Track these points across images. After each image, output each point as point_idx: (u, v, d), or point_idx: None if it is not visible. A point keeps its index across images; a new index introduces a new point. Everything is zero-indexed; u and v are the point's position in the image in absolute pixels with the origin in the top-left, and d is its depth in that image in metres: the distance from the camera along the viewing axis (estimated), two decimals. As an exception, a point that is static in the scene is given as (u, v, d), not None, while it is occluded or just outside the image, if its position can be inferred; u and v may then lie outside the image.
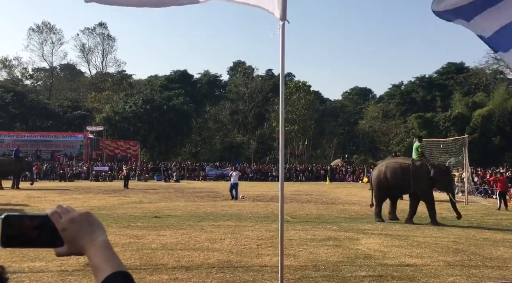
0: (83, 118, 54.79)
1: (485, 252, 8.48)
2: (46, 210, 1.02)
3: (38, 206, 15.65)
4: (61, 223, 0.98)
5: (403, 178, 12.99)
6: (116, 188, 26.25)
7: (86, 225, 1.00)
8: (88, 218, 1.01)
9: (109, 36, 71.76)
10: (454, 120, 46.78)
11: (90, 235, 0.99)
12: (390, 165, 13.45)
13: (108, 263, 0.95)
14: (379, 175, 13.36)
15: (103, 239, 1.00)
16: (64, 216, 1.00)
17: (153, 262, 7.03)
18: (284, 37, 4.35)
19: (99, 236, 0.99)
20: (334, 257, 7.68)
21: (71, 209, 1.02)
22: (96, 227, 1.01)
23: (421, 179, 12.90)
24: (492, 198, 22.76)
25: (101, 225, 1.03)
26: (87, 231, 0.99)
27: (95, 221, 1.02)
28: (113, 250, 0.99)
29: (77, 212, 1.02)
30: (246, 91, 62.09)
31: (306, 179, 41.62)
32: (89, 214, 1.03)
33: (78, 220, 1.00)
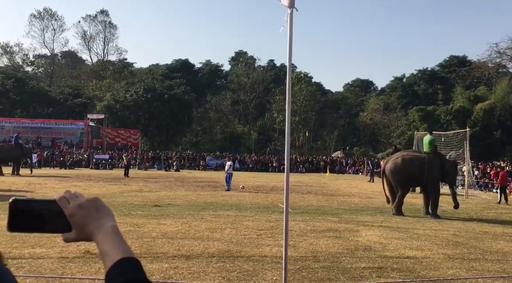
0: (84, 106, 54.72)
1: (485, 246, 8.49)
2: (54, 195, 0.99)
3: (38, 193, 15.68)
4: (69, 208, 0.97)
5: (420, 170, 13.04)
6: (116, 176, 26.27)
7: (94, 210, 0.98)
8: (96, 204, 1.00)
9: (111, 24, 71.56)
10: (456, 114, 46.67)
11: (98, 221, 0.97)
12: (407, 157, 13.41)
13: (117, 249, 0.94)
14: (396, 167, 13.21)
15: (112, 224, 0.98)
16: (72, 202, 0.98)
17: (153, 250, 7.03)
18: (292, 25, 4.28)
19: (107, 222, 0.98)
20: (334, 248, 7.69)
21: (79, 194, 1.00)
22: (104, 213, 0.99)
23: (434, 172, 13.08)
24: (492, 191, 22.80)
25: (109, 210, 1.01)
26: (95, 217, 0.97)
27: (103, 207, 1.00)
28: (121, 236, 0.98)
29: (85, 197, 1.00)
30: (248, 81, 61.95)
31: (306, 170, 41.69)
32: (97, 199, 1.01)
33: (86, 205, 0.98)
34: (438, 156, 13.76)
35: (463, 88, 52.74)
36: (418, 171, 13.04)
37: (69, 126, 47.14)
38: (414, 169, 13.08)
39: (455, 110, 47.00)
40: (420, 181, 13.36)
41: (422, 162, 13.13)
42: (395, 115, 57.77)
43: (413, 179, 13.32)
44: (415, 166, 13.10)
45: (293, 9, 4.17)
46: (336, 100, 69.46)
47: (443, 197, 19.78)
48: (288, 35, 4.30)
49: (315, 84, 61.81)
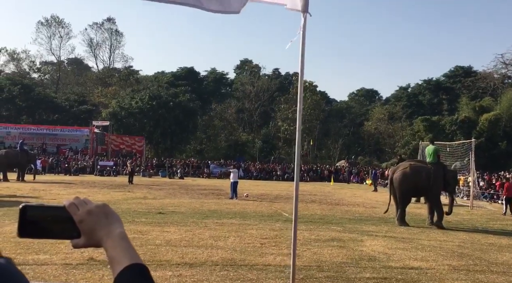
0: (89, 113, 54.95)
1: (490, 257, 8.42)
2: (63, 201, 1.00)
3: (43, 199, 15.71)
4: (78, 215, 0.97)
5: (426, 180, 13.07)
6: (120, 183, 26.30)
7: (103, 217, 0.99)
8: (105, 210, 1.00)
9: (117, 32, 72.07)
10: (461, 124, 46.56)
11: (107, 227, 0.98)
12: (415, 167, 13.39)
13: (125, 255, 0.94)
14: (406, 176, 13.18)
15: (120, 231, 0.98)
16: (81, 208, 0.98)
17: (157, 258, 7.02)
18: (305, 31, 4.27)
19: (116, 228, 0.98)
20: (338, 258, 7.65)
21: (88, 200, 1.01)
22: (113, 219, 1.00)
23: (438, 182, 13.15)
24: (498, 203, 22.64)
25: (118, 217, 1.02)
26: (104, 223, 0.98)
27: (112, 213, 1.01)
28: (130, 243, 0.98)
29: (94, 203, 1.01)
30: (253, 90, 62.10)
31: (310, 179, 41.60)
32: (106, 206, 1.02)
33: (95, 211, 0.98)
34: (441, 166, 13.93)
35: (469, 99, 52.64)
36: (425, 181, 13.07)
37: (74, 133, 47.32)
38: (421, 179, 13.09)
39: (460, 121, 46.90)
40: (425, 191, 13.37)
41: (428, 172, 13.17)
42: (399, 125, 57.69)
43: (419, 189, 13.31)
44: (422, 176, 13.11)
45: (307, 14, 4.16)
46: (340, 109, 69.46)
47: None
48: (301, 40, 4.29)
49: (320, 93, 61.89)
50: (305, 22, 4.18)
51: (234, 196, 19.09)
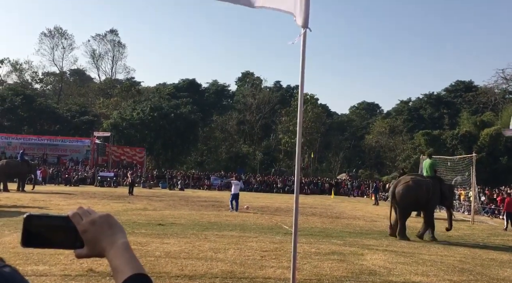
0: (90, 124, 55.08)
1: (491, 273, 8.37)
2: (68, 211, 1.01)
3: (43, 209, 15.68)
4: (82, 225, 0.98)
5: (426, 194, 13.12)
6: (120, 194, 26.25)
7: (106, 227, 0.99)
8: (108, 220, 1.01)
9: (120, 43, 72.59)
10: (462, 139, 46.55)
11: (111, 237, 0.98)
12: (416, 181, 13.39)
13: (128, 265, 0.95)
14: (408, 190, 13.13)
15: (124, 241, 0.99)
16: (85, 218, 0.99)
17: (156, 269, 6.99)
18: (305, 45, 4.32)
19: (119, 239, 0.99)
20: (338, 272, 7.61)
21: (92, 210, 1.02)
22: (116, 229, 1.01)
23: (436, 196, 13.27)
24: (499, 218, 22.53)
25: (121, 227, 1.02)
26: (107, 233, 0.99)
27: (115, 223, 1.02)
28: (133, 253, 0.99)
29: (98, 214, 1.01)
30: (254, 102, 62.27)
31: (311, 192, 41.49)
32: (109, 216, 1.02)
33: (99, 222, 0.99)
34: (438, 179, 14.03)
35: (469, 113, 52.72)
36: (425, 195, 13.10)
37: (75, 143, 47.36)
38: (422, 192, 13.11)
39: (461, 135, 46.90)
40: (424, 204, 13.36)
41: (428, 186, 13.23)
42: (400, 139, 57.70)
43: (419, 203, 13.29)
44: (423, 190, 13.14)
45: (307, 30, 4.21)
46: (342, 123, 69.56)
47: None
48: (301, 55, 4.33)
49: (321, 106, 62.05)
50: (305, 37, 4.23)
51: (235, 208, 18.87)
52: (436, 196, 13.26)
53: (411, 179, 13.61)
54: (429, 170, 14.09)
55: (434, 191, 13.19)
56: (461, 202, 27.13)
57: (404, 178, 14.01)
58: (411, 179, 13.54)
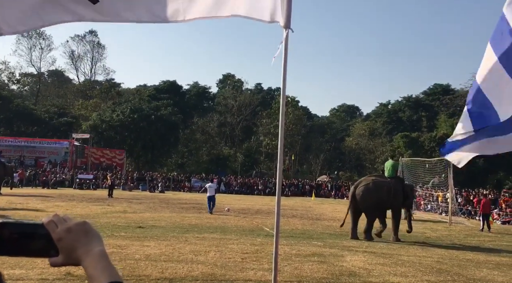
0: (69, 125, 54.24)
1: (468, 273, 8.52)
2: (43, 218, 0.99)
3: (19, 213, 15.38)
4: (57, 233, 0.95)
5: (387, 194, 13.26)
6: (100, 197, 25.92)
7: (82, 234, 0.97)
8: (85, 228, 0.98)
9: (99, 44, 71.67)
10: (440, 141, 47.18)
11: (87, 245, 0.96)
12: (377, 182, 13.52)
13: (104, 273, 0.93)
14: (368, 191, 13.28)
15: (100, 249, 0.96)
16: (60, 225, 0.96)
17: (136, 273, 6.93)
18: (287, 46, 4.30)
19: (96, 246, 0.96)
20: (318, 273, 7.65)
21: (67, 218, 0.99)
22: (93, 237, 0.98)
23: (398, 196, 13.45)
24: (475, 219, 22.98)
25: (98, 234, 1.00)
26: (83, 241, 0.96)
27: (92, 231, 0.99)
28: (109, 260, 0.96)
29: (74, 221, 0.98)
30: (235, 104, 62.25)
31: (291, 194, 41.63)
32: (86, 223, 0.99)
33: (75, 229, 0.96)
34: (399, 180, 14.28)
35: (447, 116, 53.61)
36: (386, 196, 13.24)
37: (53, 145, 46.55)
38: (383, 193, 13.25)
39: (439, 138, 47.58)
40: (386, 205, 13.51)
41: (389, 187, 13.37)
42: (380, 141, 58.36)
43: (381, 204, 13.38)
44: (384, 191, 13.27)
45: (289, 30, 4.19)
46: (322, 125, 70.02)
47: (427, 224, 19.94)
48: (283, 56, 4.32)
49: (301, 109, 62.37)
50: (287, 38, 4.22)
51: (209, 209, 18.83)
52: (399, 196, 13.44)
53: (372, 180, 13.70)
54: (390, 170, 14.23)
55: (396, 192, 13.36)
56: (439, 203, 27.56)
57: (365, 179, 14.12)
58: (371, 181, 13.64)
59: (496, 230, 18.64)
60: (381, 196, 13.17)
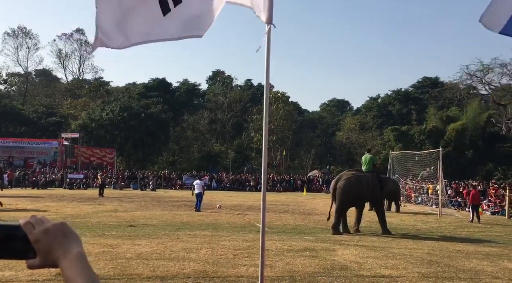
0: (58, 125, 53.81)
1: (458, 264, 8.61)
2: (19, 220, 0.97)
3: (9, 214, 15.25)
4: (34, 234, 0.94)
5: (366, 188, 13.33)
6: (90, 196, 25.79)
7: (60, 236, 0.95)
8: (63, 229, 0.97)
9: (87, 42, 70.94)
10: (429, 134, 47.63)
11: (65, 247, 0.94)
12: (357, 177, 13.55)
13: (81, 275, 0.91)
14: (350, 185, 13.29)
15: (78, 250, 0.95)
16: (37, 227, 0.95)
17: (128, 272, 6.90)
18: (270, 42, 4.31)
19: (74, 248, 0.95)
20: (310, 268, 7.68)
21: (45, 219, 0.97)
22: (71, 238, 0.97)
23: (376, 190, 13.55)
24: (465, 210, 23.19)
25: (76, 236, 0.98)
26: (61, 243, 0.95)
27: (70, 232, 0.98)
28: (87, 263, 0.95)
29: (52, 222, 0.97)
30: (225, 100, 62.12)
31: (283, 189, 41.72)
32: (64, 224, 0.98)
33: (52, 231, 0.95)
34: (376, 174, 14.33)
35: (436, 109, 53.96)
36: (365, 190, 13.32)
37: (43, 145, 46.17)
38: (363, 187, 13.32)
39: (428, 130, 47.97)
40: (364, 199, 13.61)
41: (367, 181, 13.45)
42: (370, 135, 58.62)
43: (360, 198, 13.47)
44: (363, 185, 13.34)
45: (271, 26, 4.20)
46: (312, 120, 70.13)
47: (418, 216, 20.10)
48: (266, 52, 4.32)
49: (292, 104, 62.37)
50: (269, 33, 4.22)
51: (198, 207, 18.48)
52: (377, 190, 13.55)
53: (352, 174, 13.74)
54: (368, 164, 14.28)
55: (374, 185, 13.47)
56: (429, 195, 27.77)
57: (346, 173, 14.12)
58: (352, 175, 13.68)
59: (485, 221, 18.83)
60: (360, 190, 13.25)
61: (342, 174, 14.20)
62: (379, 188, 13.65)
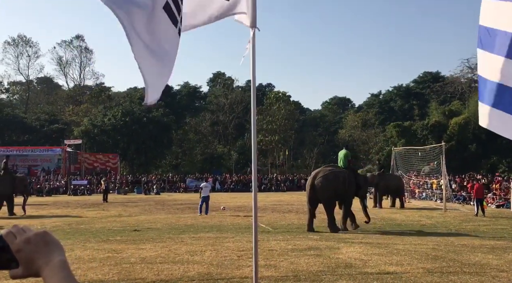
0: (60, 132, 54.00)
1: (463, 258, 8.57)
2: (1, 230, 0.97)
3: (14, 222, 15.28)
4: (16, 244, 0.94)
5: (343, 184, 13.21)
6: (95, 202, 25.85)
7: (42, 245, 0.95)
8: (44, 238, 0.97)
9: (87, 49, 71.21)
10: (432, 129, 47.47)
11: (47, 256, 0.94)
12: (335, 173, 13.42)
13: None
14: (328, 182, 13.17)
15: (60, 259, 0.95)
16: (19, 236, 0.95)
17: (132, 276, 6.91)
18: (255, 45, 4.36)
19: (56, 257, 0.95)
20: (315, 267, 7.67)
21: (27, 228, 0.97)
22: (53, 247, 0.96)
23: (352, 186, 13.42)
24: (470, 204, 23.12)
25: (59, 244, 0.98)
26: (43, 252, 0.95)
27: (52, 241, 0.97)
28: (70, 271, 0.95)
29: (34, 231, 0.97)
30: (226, 102, 62.16)
31: (287, 188, 41.73)
32: (46, 233, 0.98)
33: (34, 240, 0.95)
34: (352, 170, 14.19)
35: (438, 103, 53.84)
36: (342, 186, 13.20)
37: (46, 153, 46.34)
38: (339, 183, 13.19)
39: (431, 125, 47.82)
40: (342, 195, 13.41)
41: (344, 177, 13.31)
42: (373, 132, 58.54)
43: (338, 194, 13.32)
44: (340, 181, 13.21)
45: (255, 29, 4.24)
46: (315, 118, 70.09)
47: (422, 212, 20.03)
48: (251, 55, 4.38)
49: (293, 103, 62.37)
50: (254, 37, 4.27)
51: (205, 211, 17.82)
52: (353, 186, 13.43)
53: (330, 171, 13.57)
54: (344, 160, 14.13)
55: (350, 182, 13.35)
56: (434, 190, 27.70)
57: (323, 169, 13.86)
58: (329, 171, 13.52)
59: (490, 214, 18.76)
60: (338, 186, 13.14)
61: (319, 170, 13.92)
62: (354, 185, 13.51)
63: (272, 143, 54.40)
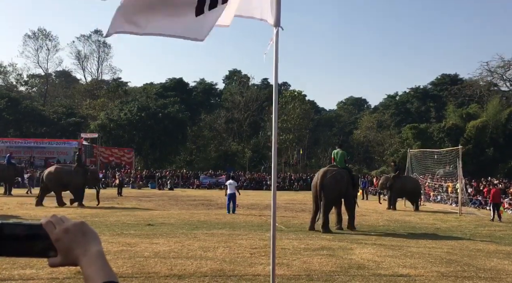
0: (77, 125, 54.60)
1: (478, 263, 8.47)
2: (41, 219, 1.00)
3: (30, 213, 15.53)
4: (55, 233, 0.97)
5: (346, 184, 13.32)
6: (109, 195, 26.06)
7: (80, 235, 0.98)
8: (82, 228, 1.00)
9: (105, 44, 71.96)
10: (448, 131, 46.94)
11: (84, 246, 0.97)
12: (339, 173, 13.37)
13: (100, 273, 0.94)
14: (336, 182, 13.11)
15: (97, 249, 0.98)
16: (58, 226, 0.98)
17: (145, 270, 6.96)
18: (278, 44, 4.36)
19: (93, 247, 0.98)
20: (327, 267, 7.65)
21: (65, 218, 1.00)
22: (90, 237, 0.99)
23: (349, 186, 13.54)
24: (486, 209, 22.81)
25: (96, 235, 1.01)
26: (81, 242, 0.98)
27: (89, 231, 1.00)
28: (106, 261, 0.98)
29: (72, 221, 1.00)
30: (242, 100, 62.20)
31: (300, 188, 41.59)
32: (83, 223, 1.01)
33: (72, 230, 0.98)
34: (348, 170, 14.31)
35: (455, 106, 53.19)
36: (345, 186, 13.29)
37: (63, 145, 46.88)
38: (344, 183, 13.27)
39: (448, 128, 47.29)
40: (344, 195, 13.44)
41: (347, 177, 13.47)
42: (388, 133, 58.08)
43: (340, 195, 13.32)
44: (344, 181, 13.30)
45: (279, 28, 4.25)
46: (330, 118, 69.80)
47: (437, 215, 19.84)
48: (274, 54, 4.38)
49: (308, 102, 62.19)
50: (277, 36, 4.27)
51: (232, 210, 17.45)
52: (350, 185, 13.55)
53: (336, 171, 13.45)
54: (341, 160, 14.09)
55: (348, 181, 13.49)
56: (449, 194, 27.40)
57: (329, 170, 13.64)
58: (336, 171, 13.43)
59: (507, 220, 18.50)
60: (343, 186, 13.25)
61: (325, 170, 13.65)
62: (352, 185, 13.70)
63: (287, 141, 54.28)
